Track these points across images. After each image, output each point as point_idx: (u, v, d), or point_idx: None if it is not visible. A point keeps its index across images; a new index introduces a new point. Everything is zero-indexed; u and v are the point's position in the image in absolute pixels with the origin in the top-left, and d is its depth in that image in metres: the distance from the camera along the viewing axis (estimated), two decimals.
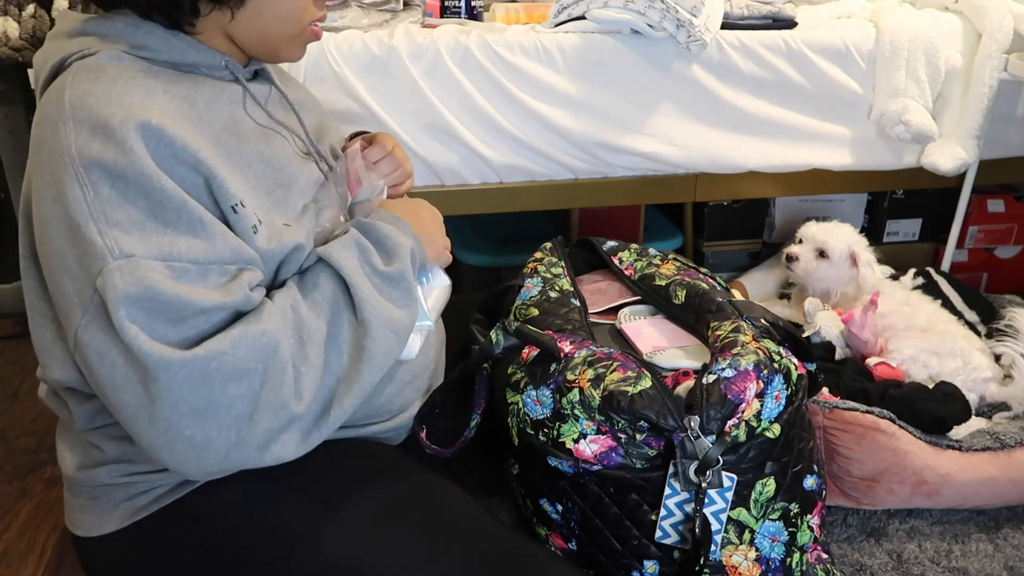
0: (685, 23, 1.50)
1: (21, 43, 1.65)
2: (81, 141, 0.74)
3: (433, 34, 1.53)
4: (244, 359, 0.74)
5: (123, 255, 0.72)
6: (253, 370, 0.75)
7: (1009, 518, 1.37)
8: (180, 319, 0.74)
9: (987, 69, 1.63)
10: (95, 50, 0.80)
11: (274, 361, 0.76)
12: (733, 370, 0.98)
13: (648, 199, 1.79)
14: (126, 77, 0.78)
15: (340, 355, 0.83)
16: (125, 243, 0.72)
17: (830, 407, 1.32)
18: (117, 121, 0.74)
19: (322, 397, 0.81)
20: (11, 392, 1.81)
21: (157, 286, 0.72)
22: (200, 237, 0.76)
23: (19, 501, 1.46)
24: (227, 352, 0.73)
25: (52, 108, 0.77)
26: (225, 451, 0.75)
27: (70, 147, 0.74)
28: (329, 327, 0.83)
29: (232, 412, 0.74)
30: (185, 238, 0.75)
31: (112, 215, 0.73)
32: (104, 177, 0.73)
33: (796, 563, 1.03)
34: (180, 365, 0.72)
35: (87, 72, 0.78)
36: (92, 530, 0.90)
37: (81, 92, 0.76)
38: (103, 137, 0.74)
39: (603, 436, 0.98)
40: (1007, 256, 2.10)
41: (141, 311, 0.72)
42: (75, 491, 0.91)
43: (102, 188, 0.73)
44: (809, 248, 1.69)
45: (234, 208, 0.80)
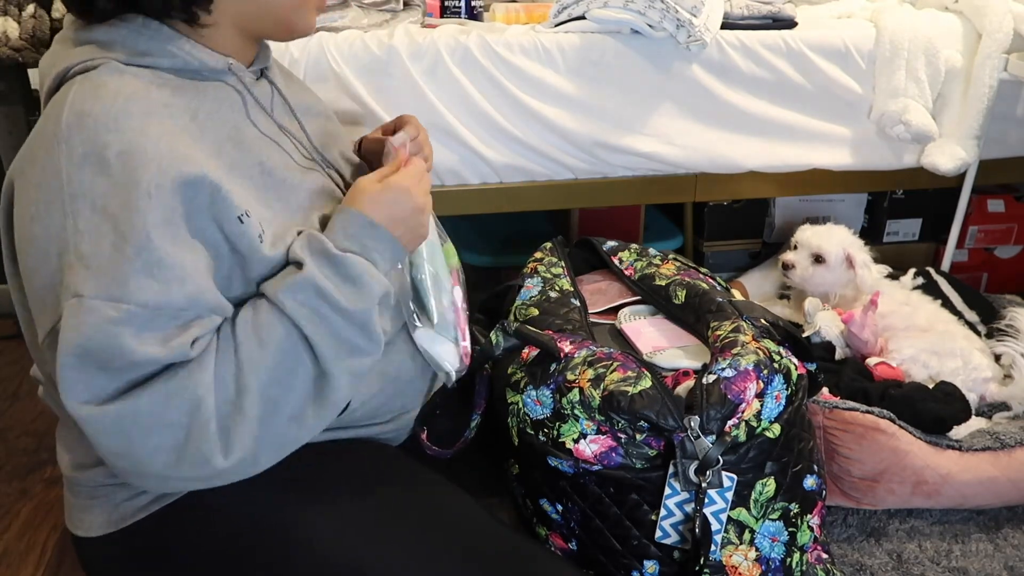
0: (685, 23, 1.50)
1: (21, 43, 1.65)
2: (73, 168, 0.73)
3: (433, 34, 1.53)
4: (162, 414, 0.74)
5: (75, 294, 0.72)
6: (176, 423, 0.74)
7: (1009, 518, 1.37)
8: (112, 368, 0.73)
9: (987, 69, 1.63)
10: (97, 62, 0.79)
11: (197, 416, 0.75)
12: (733, 370, 0.98)
13: (648, 199, 1.79)
14: (127, 94, 0.77)
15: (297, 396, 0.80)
16: (80, 280, 0.72)
17: (830, 407, 1.32)
18: (113, 152, 0.73)
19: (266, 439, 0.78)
20: (11, 392, 1.81)
21: (95, 332, 0.71)
22: (156, 279, 0.74)
23: (19, 501, 1.46)
24: (143, 410, 0.73)
25: (50, 124, 0.76)
26: (161, 484, 0.80)
27: (60, 171, 0.73)
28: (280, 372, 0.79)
29: (157, 459, 0.75)
30: (138, 279, 0.73)
31: (80, 245, 0.73)
32: (86, 208, 0.73)
33: (796, 563, 1.03)
34: (99, 419, 0.72)
35: (89, 88, 0.77)
36: (92, 530, 0.90)
37: (80, 112, 0.75)
38: (95, 167, 0.73)
39: (603, 436, 0.98)
40: (1007, 256, 2.10)
41: (75, 359, 0.72)
42: (75, 491, 0.91)
43: (80, 220, 0.73)
44: (805, 254, 1.68)
45: (240, 219, 0.79)
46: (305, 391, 0.80)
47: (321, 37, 1.49)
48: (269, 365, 0.78)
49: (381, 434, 1.00)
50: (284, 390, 0.79)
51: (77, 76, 0.79)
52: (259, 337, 0.79)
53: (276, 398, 0.78)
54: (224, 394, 0.76)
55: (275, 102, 0.95)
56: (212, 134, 0.83)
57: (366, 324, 0.83)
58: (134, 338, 0.72)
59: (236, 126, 0.86)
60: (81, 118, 0.74)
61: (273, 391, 0.78)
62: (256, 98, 0.91)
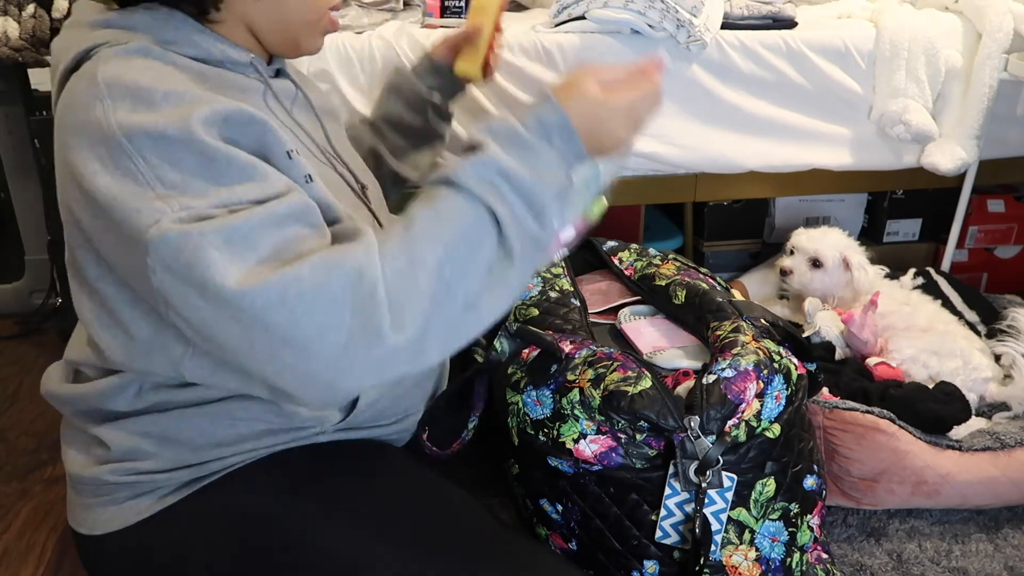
0: (685, 23, 1.50)
1: (21, 43, 1.64)
2: (121, 114, 0.72)
3: (433, 34, 1.53)
4: (325, 284, 0.69)
5: (186, 207, 0.70)
6: (340, 296, 0.69)
7: (1009, 518, 1.37)
8: (254, 244, 0.70)
9: (987, 69, 1.62)
10: (124, 40, 0.79)
11: (360, 285, 0.69)
12: (733, 370, 0.98)
13: (648, 199, 1.79)
14: (157, 68, 0.77)
15: (473, 280, 0.74)
16: (186, 201, 0.70)
17: (830, 407, 1.32)
18: (160, 94, 0.73)
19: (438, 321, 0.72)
20: (11, 392, 1.81)
21: (224, 223, 0.70)
22: (255, 180, 0.73)
23: (19, 501, 1.46)
24: (304, 280, 0.69)
25: (84, 90, 0.75)
26: (330, 382, 0.71)
27: (110, 122, 0.72)
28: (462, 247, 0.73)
29: (325, 341, 0.69)
30: (241, 185, 0.72)
31: (166, 178, 0.71)
32: (148, 142, 0.71)
33: (796, 563, 1.03)
34: (257, 292, 0.68)
35: (117, 58, 0.77)
36: (95, 528, 0.90)
37: (115, 72, 0.75)
38: (143, 105, 0.72)
39: (603, 436, 0.98)
40: (1007, 256, 2.10)
41: (213, 247, 0.69)
42: (79, 489, 0.92)
43: (149, 154, 0.71)
44: (802, 259, 1.68)
45: (288, 154, 0.79)
46: (481, 276, 0.74)
47: None
48: (448, 238, 0.73)
49: (385, 435, 1.00)
50: (462, 270, 0.73)
51: (103, 50, 0.79)
52: (437, 211, 0.74)
53: (451, 278, 0.72)
54: (394, 264, 0.71)
55: (296, 99, 0.96)
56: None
57: (541, 213, 0.76)
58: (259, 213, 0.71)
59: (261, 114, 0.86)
60: (118, 75, 0.74)
61: (448, 270, 0.72)
62: (276, 93, 0.91)
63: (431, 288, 0.71)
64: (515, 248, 0.75)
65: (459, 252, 0.73)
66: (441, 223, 0.74)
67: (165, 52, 0.80)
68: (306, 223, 0.75)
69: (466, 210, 0.74)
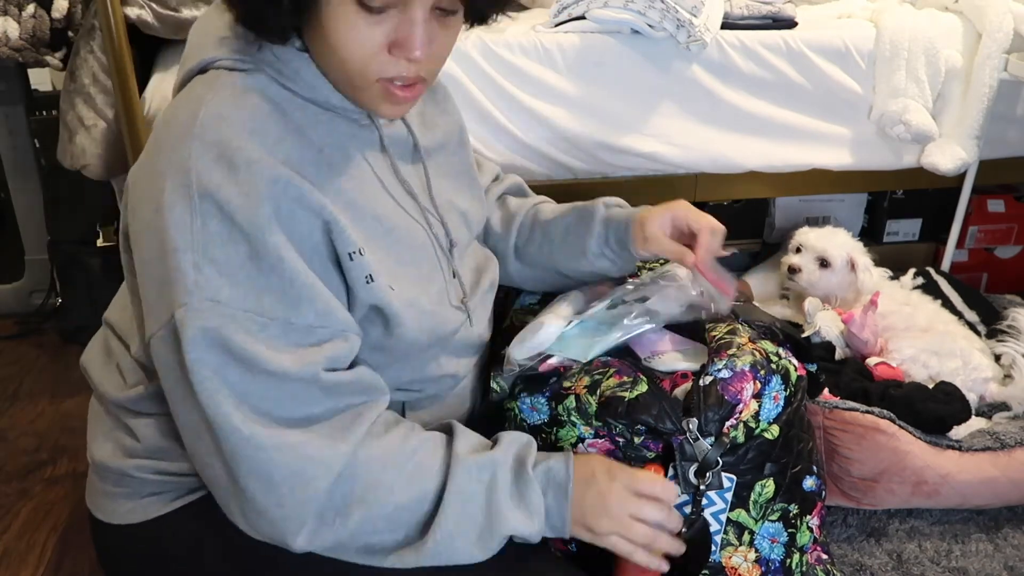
0: (685, 23, 1.50)
1: (21, 43, 1.65)
2: (203, 165, 0.72)
3: None
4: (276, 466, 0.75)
5: (212, 298, 0.72)
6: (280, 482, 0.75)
7: (1009, 518, 1.37)
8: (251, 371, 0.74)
9: (987, 69, 1.62)
10: (247, 67, 0.78)
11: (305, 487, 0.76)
12: (729, 371, 0.98)
13: (648, 199, 1.79)
14: (266, 113, 0.77)
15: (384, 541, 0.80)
16: (216, 285, 0.72)
17: (830, 407, 1.32)
18: (244, 159, 0.73)
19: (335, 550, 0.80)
20: (11, 392, 1.81)
21: (235, 336, 0.72)
22: (289, 297, 0.74)
23: (19, 501, 1.46)
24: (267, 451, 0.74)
25: (184, 117, 0.75)
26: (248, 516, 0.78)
27: (191, 168, 0.72)
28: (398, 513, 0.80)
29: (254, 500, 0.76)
30: (273, 295, 0.74)
31: (212, 251, 0.72)
32: (216, 211, 0.72)
33: (796, 564, 1.03)
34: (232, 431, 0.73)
35: (230, 93, 0.76)
36: (113, 517, 0.90)
37: (217, 114, 0.74)
38: (226, 170, 0.72)
39: (601, 440, 0.98)
40: (1007, 256, 2.11)
41: (213, 359, 0.72)
42: (102, 476, 0.92)
43: (210, 221, 0.72)
44: (810, 258, 1.68)
45: (351, 255, 0.79)
46: (397, 543, 0.80)
47: None
48: (398, 501, 0.79)
49: None
50: (389, 529, 0.80)
51: (224, 71, 0.78)
52: (406, 470, 0.80)
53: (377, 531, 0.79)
54: (344, 487, 0.77)
55: (405, 145, 0.92)
56: (337, 169, 0.82)
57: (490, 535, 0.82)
58: (269, 350, 0.73)
59: (357, 168, 0.85)
60: (218, 120, 0.74)
61: (380, 524, 0.79)
62: (385, 142, 0.88)
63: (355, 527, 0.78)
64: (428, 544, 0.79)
65: (401, 515, 0.80)
66: (405, 480, 0.80)
67: (282, 90, 0.79)
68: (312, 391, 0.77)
69: (431, 489, 0.80)
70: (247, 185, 0.72)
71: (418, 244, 0.90)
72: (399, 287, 0.84)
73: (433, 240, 0.93)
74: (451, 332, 0.94)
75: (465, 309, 0.97)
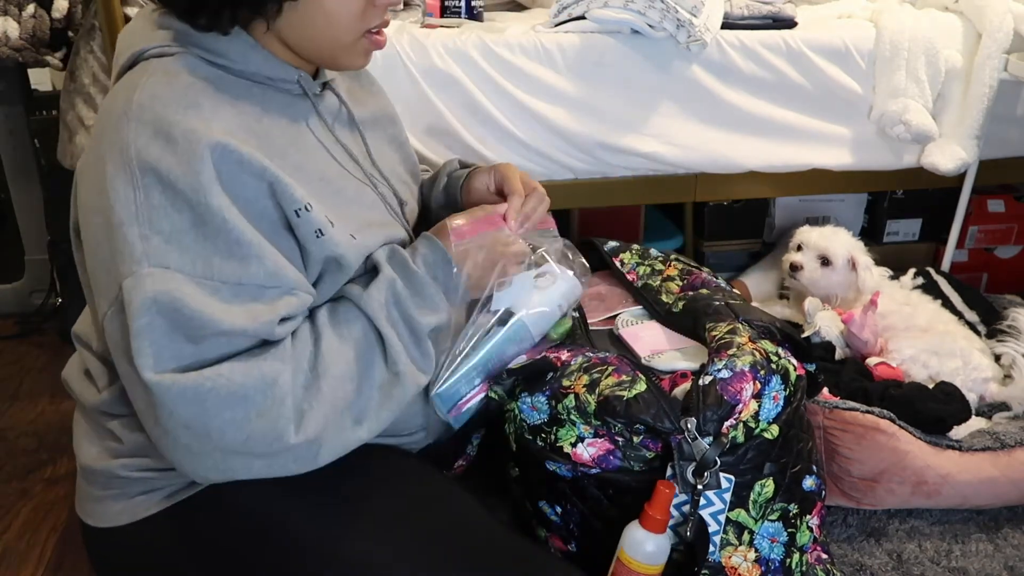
0: (685, 23, 1.50)
1: (21, 43, 1.65)
2: (142, 142, 0.75)
3: (433, 34, 1.53)
4: (240, 386, 0.75)
5: (159, 265, 0.73)
6: (250, 398, 0.75)
7: (1009, 518, 1.37)
8: (201, 337, 0.74)
9: (987, 69, 1.62)
10: (174, 51, 0.81)
11: (273, 391, 0.77)
12: (729, 371, 0.98)
13: (648, 199, 1.79)
14: (198, 88, 0.79)
15: (366, 397, 0.83)
16: (163, 253, 0.73)
17: (830, 407, 1.32)
18: (180, 131, 0.75)
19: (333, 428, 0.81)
20: (11, 392, 1.81)
21: (184, 299, 0.73)
22: (237, 258, 0.76)
23: (19, 501, 1.46)
24: (222, 380, 0.74)
25: (120, 103, 0.78)
26: (221, 463, 0.78)
27: (130, 146, 0.74)
28: (357, 366, 0.83)
29: (225, 437, 0.76)
30: (221, 257, 0.76)
31: (157, 222, 0.74)
32: (157, 183, 0.74)
33: (796, 563, 1.03)
34: (177, 387, 0.73)
35: (162, 74, 0.79)
36: (104, 521, 0.90)
37: (151, 94, 0.77)
38: (164, 142, 0.74)
39: (600, 439, 0.98)
40: (1007, 256, 2.10)
41: (163, 323, 0.73)
42: (90, 480, 0.92)
43: (153, 193, 0.74)
44: (812, 256, 1.68)
45: (297, 212, 0.81)
46: (373, 393, 0.83)
47: None
48: (348, 358, 0.82)
49: (398, 444, 1.00)
50: (357, 387, 0.82)
51: (153, 59, 0.81)
52: (339, 333, 0.83)
53: (348, 394, 0.81)
54: (302, 377, 0.79)
55: (339, 115, 0.96)
56: (276, 138, 0.84)
57: (422, 340, 0.89)
58: (222, 310, 0.74)
59: (298, 134, 0.88)
60: (153, 99, 0.76)
61: (347, 386, 0.81)
62: (320, 112, 0.92)
63: (331, 397, 0.81)
64: (401, 370, 0.86)
65: (358, 368, 0.83)
66: (343, 344, 0.83)
67: (212, 68, 0.82)
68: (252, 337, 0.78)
69: (361, 333, 0.85)
70: (186, 154, 0.74)
71: (368, 203, 0.94)
72: (362, 236, 0.88)
73: (382, 199, 0.97)
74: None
75: None
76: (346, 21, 0.85)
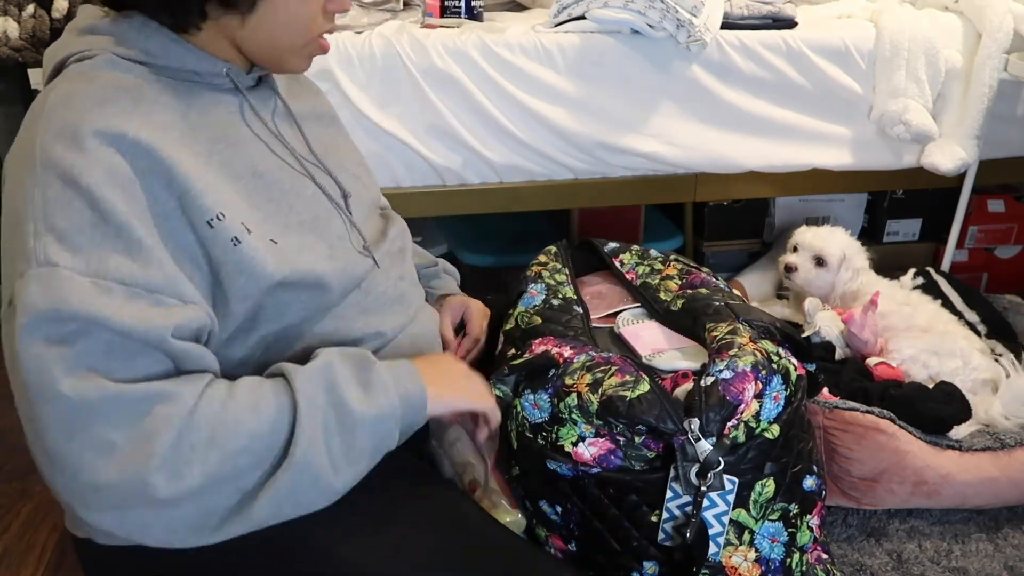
0: (685, 23, 1.50)
1: (21, 43, 1.65)
2: (48, 141, 0.73)
3: (433, 34, 1.53)
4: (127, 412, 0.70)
5: (47, 263, 0.70)
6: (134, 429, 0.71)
7: (1009, 518, 1.37)
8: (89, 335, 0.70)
9: (987, 69, 1.63)
10: (94, 53, 0.80)
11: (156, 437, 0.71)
12: (731, 371, 0.98)
13: (648, 199, 1.79)
14: (116, 85, 0.78)
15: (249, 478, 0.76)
16: (53, 251, 0.70)
17: (830, 407, 1.32)
18: (88, 129, 0.73)
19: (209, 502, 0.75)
20: (11, 392, 1.81)
21: (70, 299, 0.69)
22: (135, 259, 0.73)
23: (19, 501, 1.46)
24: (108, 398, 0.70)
25: (36, 106, 0.77)
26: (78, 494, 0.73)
27: (35, 144, 0.74)
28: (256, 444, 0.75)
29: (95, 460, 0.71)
30: (118, 256, 0.72)
31: (51, 218, 0.71)
32: (56, 179, 0.72)
33: (796, 563, 1.03)
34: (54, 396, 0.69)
35: (79, 76, 0.78)
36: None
37: (66, 94, 0.76)
38: (68, 142, 0.73)
39: (601, 439, 0.97)
40: (1007, 256, 2.11)
41: (47, 324, 0.69)
42: None
43: (50, 190, 0.72)
44: (807, 257, 1.68)
45: (209, 223, 0.78)
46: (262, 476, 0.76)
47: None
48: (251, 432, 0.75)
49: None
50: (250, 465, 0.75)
51: (73, 64, 0.80)
52: (255, 402, 0.76)
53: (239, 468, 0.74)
54: (196, 434, 0.72)
55: (276, 108, 0.95)
56: (203, 133, 0.82)
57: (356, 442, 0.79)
58: (112, 309, 0.70)
59: (228, 127, 0.86)
60: (66, 99, 0.75)
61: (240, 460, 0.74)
62: (252, 104, 0.90)
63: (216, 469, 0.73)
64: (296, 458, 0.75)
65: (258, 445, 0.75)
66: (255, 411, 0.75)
67: (133, 65, 0.81)
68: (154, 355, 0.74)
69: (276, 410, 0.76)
70: (91, 152, 0.73)
71: (307, 195, 0.91)
72: (284, 239, 0.84)
73: (322, 190, 0.94)
74: (360, 276, 0.94)
75: (370, 255, 0.97)
76: (304, 24, 0.85)
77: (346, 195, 0.98)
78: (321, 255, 0.88)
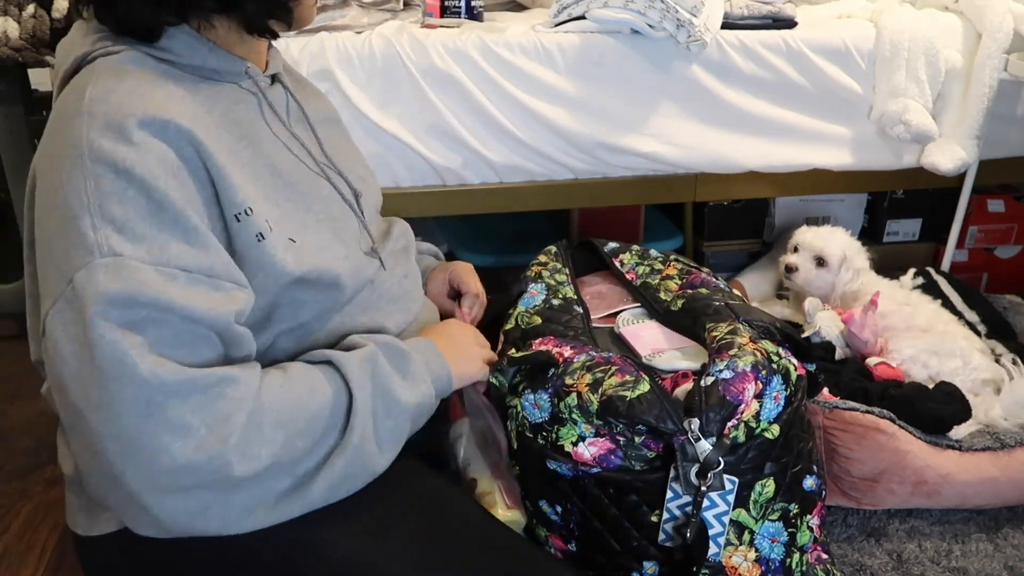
0: (685, 23, 1.50)
1: (21, 43, 1.64)
2: (94, 134, 0.73)
3: (433, 34, 1.53)
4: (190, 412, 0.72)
5: (111, 253, 0.71)
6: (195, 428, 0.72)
7: (1009, 518, 1.37)
8: (159, 321, 0.72)
9: (987, 69, 1.63)
10: (119, 48, 0.80)
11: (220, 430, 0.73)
12: (731, 371, 0.98)
13: (648, 199, 1.79)
14: (148, 80, 0.79)
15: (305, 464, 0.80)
16: (115, 242, 0.71)
17: (830, 407, 1.32)
18: (134, 121, 0.74)
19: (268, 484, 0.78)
20: (11, 392, 1.81)
21: (141, 287, 0.71)
22: (193, 245, 0.75)
23: (19, 501, 1.46)
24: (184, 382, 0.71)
25: (72, 102, 0.77)
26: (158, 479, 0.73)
27: (82, 139, 0.73)
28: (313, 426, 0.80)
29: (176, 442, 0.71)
30: (178, 243, 0.74)
31: (108, 210, 0.72)
32: (109, 171, 0.72)
33: (796, 563, 1.03)
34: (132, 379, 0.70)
35: (111, 71, 0.78)
36: (92, 529, 0.90)
37: (104, 88, 0.76)
38: (116, 134, 0.73)
39: (602, 439, 0.98)
40: (1007, 256, 2.11)
41: (119, 311, 0.70)
42: (75, 490, 0.92)
43: (104, 182, 0.72)
44: (807, 257, 1.68)
45: (237, 216, 0.79)
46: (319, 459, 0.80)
47: (321, 36, 1.49)
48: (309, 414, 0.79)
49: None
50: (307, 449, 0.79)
51: (99, 59, 0.80)
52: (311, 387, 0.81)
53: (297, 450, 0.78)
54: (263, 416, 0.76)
55: (290, 108, 0.95)
56: (226, 130, 0.83)
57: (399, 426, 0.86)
58: (180, 296, 0.72)
59: (250, 126, 0.87)
60: (106, 93, 0.76)
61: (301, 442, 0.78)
62: (270, 103, 0.91)
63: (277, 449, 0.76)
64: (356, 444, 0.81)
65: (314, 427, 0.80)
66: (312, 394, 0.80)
67: (158, 63, 0.81)
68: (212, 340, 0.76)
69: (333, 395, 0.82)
70: (140, 143, 0.73)
71: (324, 195, 0.93)
72: (303, 238, 0.86)
73: (336, 192, 0.96)
74: (369, 277, 0.96)
75: (377, 256, 0.99)
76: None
77: (357, 195, 0.99)
78: (338, 255, 0.90)
